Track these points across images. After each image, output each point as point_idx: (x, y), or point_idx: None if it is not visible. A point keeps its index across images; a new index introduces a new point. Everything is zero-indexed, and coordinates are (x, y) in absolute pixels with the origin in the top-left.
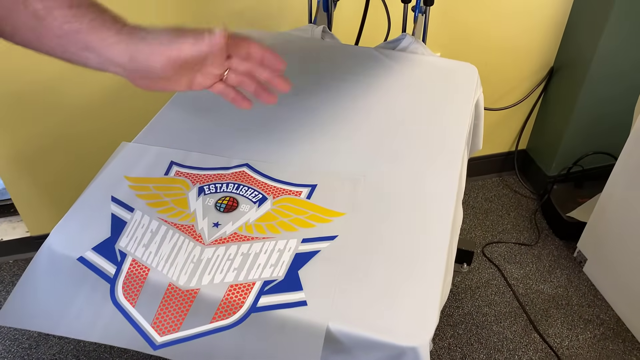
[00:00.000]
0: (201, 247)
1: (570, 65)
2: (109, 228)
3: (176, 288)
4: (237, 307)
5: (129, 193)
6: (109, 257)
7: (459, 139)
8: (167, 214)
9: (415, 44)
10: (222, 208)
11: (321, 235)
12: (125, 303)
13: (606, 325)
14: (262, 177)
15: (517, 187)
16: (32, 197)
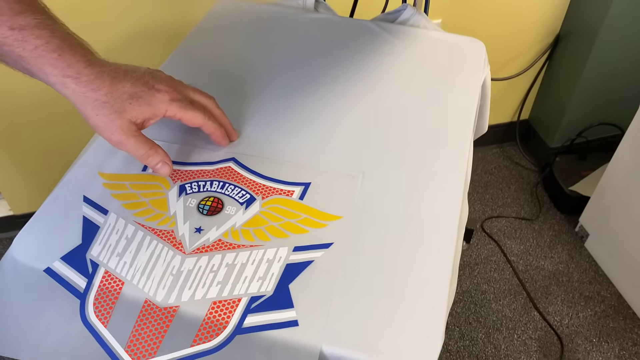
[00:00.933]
0: (181, 257)
1: (577, 33)
2: (80, 233)
3: (153, 305)
4: (221, 327)
5: (102, 192)
6: (79, 268)
7: (466, 129)
8: (145, 217)
9: (417, 16)
10: (206, 210)
11: (315, 242)
12: (96, 322)
13: (607, 302)
14: (250, 173)
15: (518, 158)
16: (13, 175)
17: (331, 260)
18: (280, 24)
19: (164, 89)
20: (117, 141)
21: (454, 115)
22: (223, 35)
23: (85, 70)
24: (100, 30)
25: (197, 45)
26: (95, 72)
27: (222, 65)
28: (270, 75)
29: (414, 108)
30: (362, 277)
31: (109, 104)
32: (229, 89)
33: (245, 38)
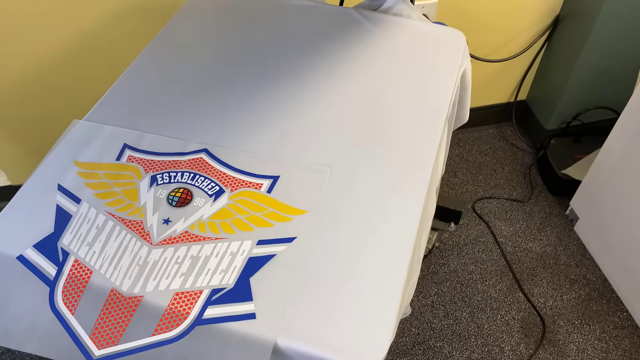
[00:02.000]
0: (148, 248)
1: (577, 14)
2: (53, 221)
3: (119, 294)
4: (182, 318)
5: (76, 181)
6: (50, 256)
7: (436, 126)
8: (116, 207)
9: (401, 4)
10: (175, 201)
11: (278, 236)
12: (64, 310)
13: (592, 285)
14: (220, 165)
15: (514, 139)
16: (10, 146)
17: (293, 255)
18: (262, 10)
19: None
20: None
21: (426, 110)
22: (203, 21)
23: None
24: (87, 7)
25: (178, 31)
26: None
27: (200, 54)
28: (248, 65)
29: (388, 101)
30: (321, 273)
31: None
32: (205, 79)
33: (224, 25)
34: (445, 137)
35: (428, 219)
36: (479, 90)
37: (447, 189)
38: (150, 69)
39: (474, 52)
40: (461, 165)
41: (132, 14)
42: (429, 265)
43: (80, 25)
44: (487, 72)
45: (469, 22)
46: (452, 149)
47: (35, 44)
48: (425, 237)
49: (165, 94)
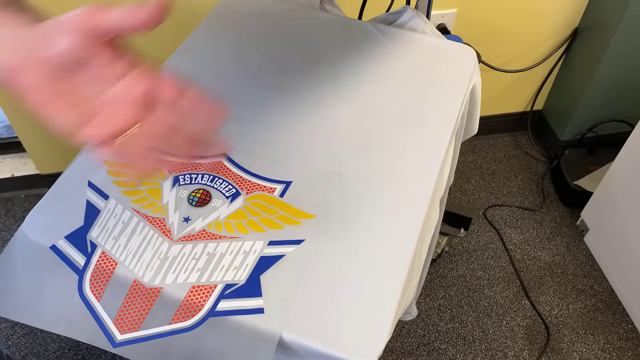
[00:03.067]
0: (169, 243)
1: (595, 27)
2: (83, 216)
3: (140, 285)
4: (197, 309)
5: (106, 179)
6: (79, 247)
7: (444, 137)
8: (140, 204)
9: (417, 19)
10: (195, 201)
11: (288, 238)
12: (91, 297)
13: (598, 296)
14: (238, 169)
15: (529, 148)
16: (37, 137)
17: (301, 256)
18: (283, 21)
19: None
20: None
21: (434, 122)
22: (227, 30)
23: None
24: None
25: (202, 40)
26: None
27: (223, 62)
28: (267, 74)
29: (397, 112)
30: (326, 274)
31: None
32: (227, 85)
33: (248, 35)
34: (452, 148)
35: (431, 227)
36: (495, 99)
37: (459, 195)
38: (181, 69)
39: (492, 62)
40: (475, 172)
41: None
42: (437, 269)
43: None
44: (504, 81)
45: (487, 32)
46: (466, 156)
47: None
48: (426, 245)
49: None
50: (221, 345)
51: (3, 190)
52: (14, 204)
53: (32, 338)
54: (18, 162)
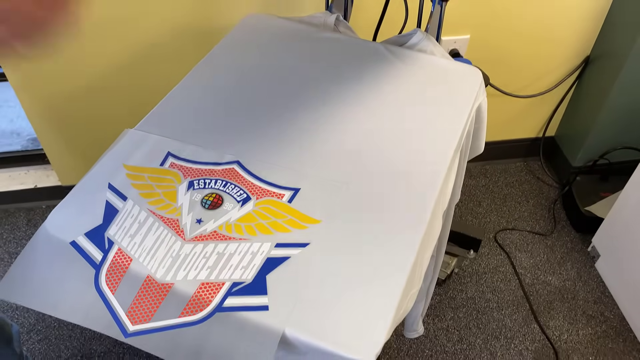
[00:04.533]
0: (181, 242)
1: (607, 56)
2: (102, 214)
3: (153, 280)
4: (205, 304)
5: (125, 182)
6: (98, 243)
7: (447, 151)
8: (156, 205)
9: (426, 41)
10: (207, 205)
11: (294, 241)
12: (106, 290)
13: (609, 323)
14: (250, 176)
15: (541, 174)
16: (61, 149)
17: (305, 258)
18: (299, 41)
19: None
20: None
21: (439, 137)
22: (247, 47)
23: None
24: (148, 28)
25: (223, 55)
26: None
27: (242, 76)
28: (283, 88)
29: (404, 128)
30: (329, 276)
31: None
32: (243, 99)
33: (266, 52)
34: (457, 164)
35: (433, 238)
36: (508, 124)
37: (470, 217)
38: (195, 87)
39: (505, 88)
40: (486, 196)
41: (185, 33)
42: (447, 291)
43: (145, 36)
44: (516, 107)
45: (500, 58)
46: (478, 179)
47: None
48: (428, 255)
49: (206, 110)
50: (227, 339)
51: (26, 200)
52: (35, 214)
53: (47, 344)
54: (42, 174)
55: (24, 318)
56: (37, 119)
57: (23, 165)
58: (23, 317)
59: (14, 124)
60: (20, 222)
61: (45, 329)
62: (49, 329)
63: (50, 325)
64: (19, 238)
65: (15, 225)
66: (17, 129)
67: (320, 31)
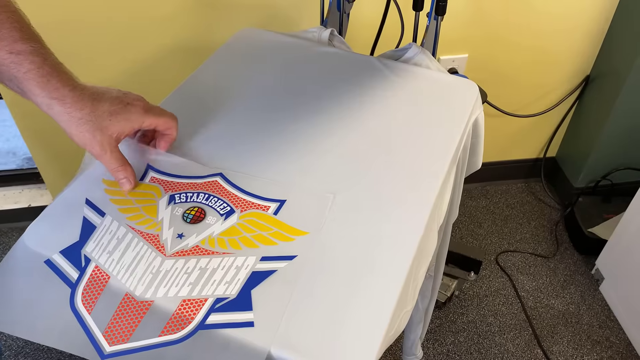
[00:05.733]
0: (162, 258)
1: (607, 75)
2: (79, 231)
3: (132, 298)
4: (187, 322)
5: (103, 197)
6: (74, 261)
7: (442, 165)
8: (136, 221)
9: (421, 55)
10: (189, 219)
11: (281, 254)
12: (82, 309)
13: (615, 348)
14: (233, 188)
15: (542, 195)
16: (55, 169)
17: (293, 272)
18: (293, 54)
19: (138, 103)
20: (97, 154)
21: (434, 150)
22: (238, 60)
23: (70, 93)
24: (140, 47)
25: (214, 68)
26: (77, 94)
27: (231, 88)
28: (272, 101)
29: (397, 141)
30: (317, 289)
31: (91, 122)
32: (231, 110)
33: (257, 64)
34: (452, 179)
35: (428, 254)
36: (508, 145)
37: (471, 239)
38: (182, 99)
39: (504, 107)
40: (487, 217)
41: (179, 52)
42: (447, 314)
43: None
44: (517, 127)
45: (499, 77)
46: (478, 200)
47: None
48: (423, 272)
49: (189, 123)
50: (210, 359)
51: (20, 220)
52: None
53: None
54: (36, 193)
55: (12, 340)
56: (31, 138)
57: (17, 185)
58: (12, 339)
59: (10, 143)
60: (12, 242)
61: (34, 352)
62: (37, 352)
63: (39, 348)
64: None
65: (8, 245)
66: (13, 148)
67: (314, 45)
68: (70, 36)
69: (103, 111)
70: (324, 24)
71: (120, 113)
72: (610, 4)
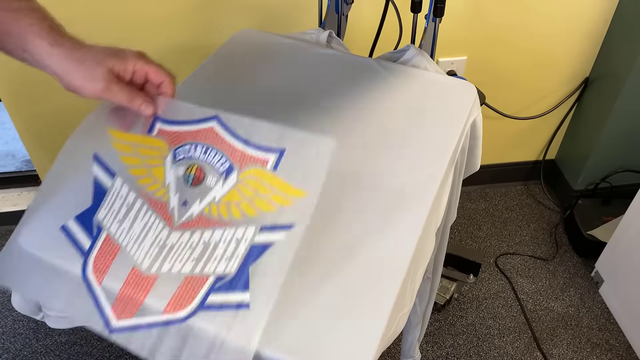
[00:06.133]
0: (169, 231)
1: (606, 77)
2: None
3: (138, 272)
4: (188, 301)
5: (112, 153)
6: (87, 228)
7: (442, 164)
8: (146, 185)
9: (419, 57)
10: (190, 180)
11: (278, 222)
12: (93, 280)
13: (615, 351)
14: (230, 136)
15: (541, 198)
16: None
17: (288, 246)
18: (291, 55)
19: (132, 50)
20: (103, 88)
21: (430, 151)
22: (235, 60)
23: (69, 40)
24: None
25: (212, 69)
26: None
27: (229, 90)
28: (269, 102)
29: (395, 141)
30: (314, 291)
31: (90, 59)
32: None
33: (254, 65)
34: (450, 181)
35: (425, 257)
36: (508, 148)
37: (470, 242)
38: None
39: (503, 109)
40: (486, 220)
41: (178, 53)
42: (446, 317)
43: None
44: (516, 130)
45: (498, 79)
46: (478, 203)
47: None
48: (421, 274)
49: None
50: (207, 339)
51: (18, 222)
52: None
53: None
54: (34, 195)
55: (10, 343)
56: (30, 141)
57: (16, 187)
58: (9, 342)
59: (9, 145)
60: None
61: (32, 355)
62: (35, 355)
63: (36, 351)
64: None
65: None
66: (12, 150)
67: (312, 47)
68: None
69: (100, 50)
70: (322, 26)
71: (115, 52)
72: (609, 6)
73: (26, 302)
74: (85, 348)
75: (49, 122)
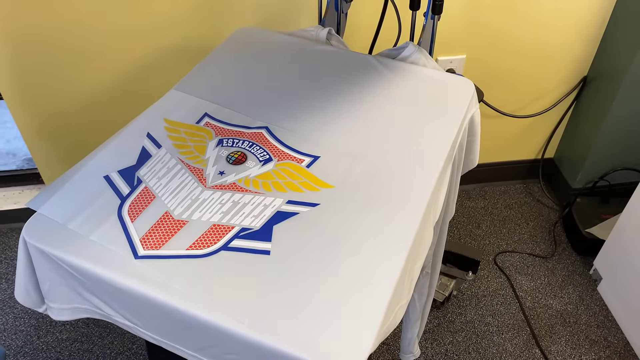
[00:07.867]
0: (202, 188)
1: (604, 76)
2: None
3: (170, 216)
4: (213, 242)
5: (162, 133)
6: (128, 180)
7: (439, 158)
8: (186, 156)
9: (418, 54)
10: (232, 160)
11: (306, 200)
12: (126, 218)
13: (613, 348)
14: (275, 141)
15: (540, 196)
16: (55, 169)
17: (313, 216)
18: (291, 52)
19: None
20: None
21: (429, 145)
22: (235, 58)
23: None
24: (140, 47)
25: (211, 66)
26: None
27: (228, 87)
28: (269, 100)
29: (392, 136)
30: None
31: None
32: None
33: (254, 62)
34: (448, 176)
35: (423, 250)
36: (506, 146)
37: (469, 239)
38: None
39: (502, 108)
40: (485, 218)
41: (180, 52)
42: (445, 314)
43: (141, 56)
44: (515, 129)
45: (496, 78)
46: (477, 201)
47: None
48: (419, 267)
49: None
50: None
51: (19, 220)
52: None
53: None
54: (36, 194)
55: (11, 340)
56: (31, 139)
57: (17, 185)
58: (10, 339)
59: (10, 144)
60: (12, 242)
61: (33, 352)
62: (36, 352)
63: (37, 348)
64: (10, 258)
65: (7, 246)
66: (13, 149)
67: (311, 44)
68: (78, 36)
69: None
70: (322, 23)
71: None
72: (607, 5)
73: (29, 294)
74: (86, 345)
75: (51, 121)
